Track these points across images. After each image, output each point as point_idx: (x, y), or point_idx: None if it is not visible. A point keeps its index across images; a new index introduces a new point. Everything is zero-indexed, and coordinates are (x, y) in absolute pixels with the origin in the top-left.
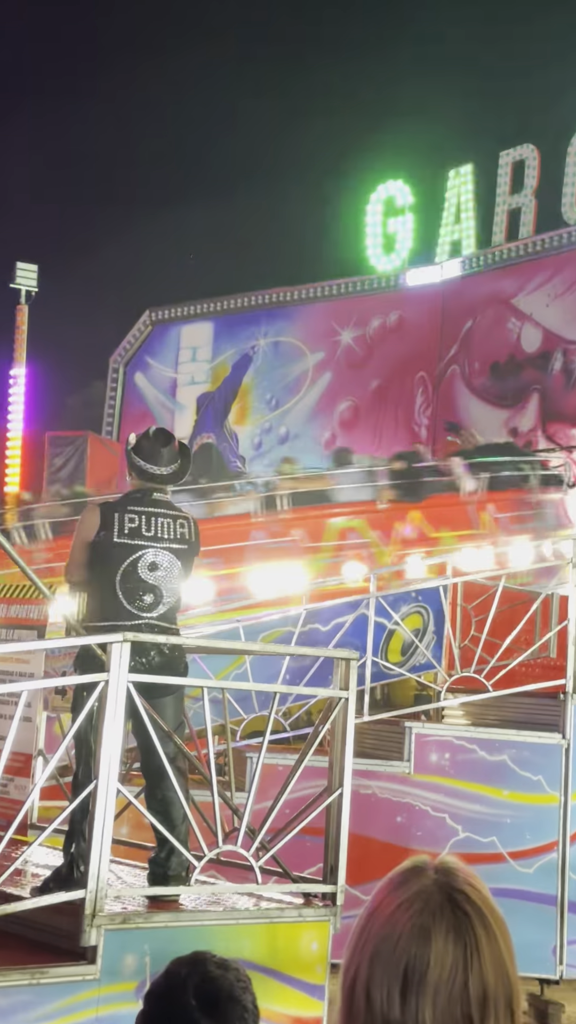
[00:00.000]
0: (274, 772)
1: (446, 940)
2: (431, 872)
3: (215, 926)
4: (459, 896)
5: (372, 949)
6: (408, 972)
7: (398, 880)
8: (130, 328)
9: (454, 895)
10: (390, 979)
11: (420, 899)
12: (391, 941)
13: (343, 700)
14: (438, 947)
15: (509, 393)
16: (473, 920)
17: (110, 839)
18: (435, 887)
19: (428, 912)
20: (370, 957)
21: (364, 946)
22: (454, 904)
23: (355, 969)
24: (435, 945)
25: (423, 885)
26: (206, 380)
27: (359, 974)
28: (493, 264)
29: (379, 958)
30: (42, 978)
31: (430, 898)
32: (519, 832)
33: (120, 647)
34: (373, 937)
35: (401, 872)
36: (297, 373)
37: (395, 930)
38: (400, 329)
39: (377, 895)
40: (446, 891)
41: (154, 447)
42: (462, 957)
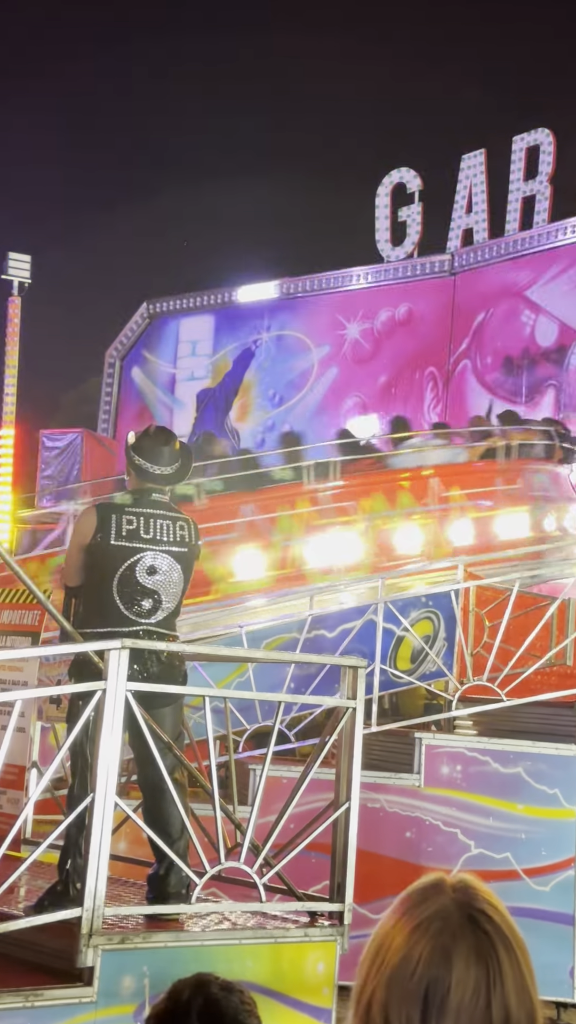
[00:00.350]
0: (278, 785)
1: (467, 962)
2: (449, 891)
3: (217, 946)
4: (479, 916)
5: (389, 972)
6: (428, 996)
7: (414, 899)
8: (127, 321)
9: (474, 915)
10: (409, 1003)
11: (439, 919)
12: (409, 963)
13: (350, 710)
14: (459, 969)
15: (523, 388)
16: (495, 941)
17: (107, 855)
18: (454, 906)
19: (448, 933)
20: (387, 980)
21: (380, 968)
22: (475, 924)
23: (370, 993)
24: (456, 967)
25: (441, 905)
26: (206, 376)
27: (375, 998)
28: (506, 254)
29: (396, 981)
30: (37, 1000)
31: (449, 918)
32: (534, 848)
33: (118, 654)
34: (389, 959)
35: (417, 891)
36: (302, 368)
37: (413, 952)
38: (409, 322)
39: (392, 915)
40: (466, 911)
41: (155, 446)
42: (484, 979)
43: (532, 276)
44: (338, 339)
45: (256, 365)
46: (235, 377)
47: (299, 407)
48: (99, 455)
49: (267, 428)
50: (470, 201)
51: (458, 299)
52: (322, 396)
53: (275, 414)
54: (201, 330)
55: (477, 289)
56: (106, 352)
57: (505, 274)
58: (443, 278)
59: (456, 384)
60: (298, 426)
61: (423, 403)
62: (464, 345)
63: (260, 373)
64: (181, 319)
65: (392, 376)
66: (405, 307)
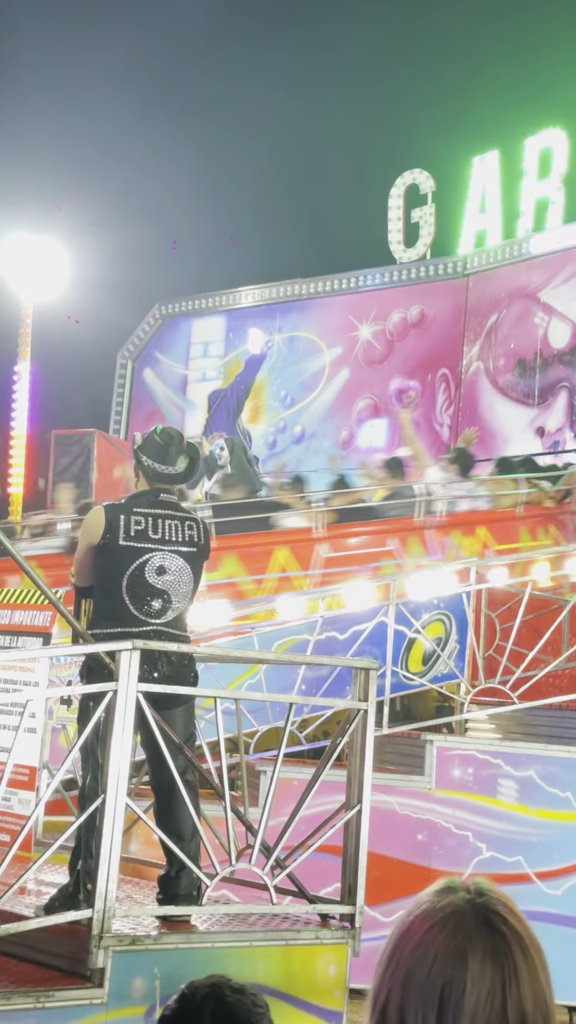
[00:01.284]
0: (289, 787)
1: (483, 962)
2: (463, 892)
3: (228, 948)
4: (494, 917)
5: (404, 973)
6: (444, 996)
7: (429, 901)
8: (139, 322)
9: (489, 916)
10: (425, 1004)
11: (453, 920)
12: (425, 964)
13: (362, 712)
14: (474, 969)
15: (536, 391)
16: (510, 941)
17: (118, 856)
18: (468, 907)
19: (463, 933)
20: (402, 981)
21: (395, 970)
22: (490, 925)
23: (386, 994)
24: (471, 967)
25: (456, 906)
26: (218, 377)
27: (391, 999)
28: (519, 255)
29: (412, 982)
30: (47, 1002)
31: (464, 919)
32: (547, 851)
33: (129, 655)
34: (405, 960)
35: (431, 893)
36: (313, 370)
37: (428, 953)
38: (421, 324)
39: (407, 917)
40: (481, 912)
41: (162, 446)
42: (500, 980)
43: (545, 278)
44: (350, 340)
45: (268, 366)
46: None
47: (311, 408)
48: (111, 456)
49: (279, 429)
50: (483, 202)
51: (471, 301)
52: (334, 398)
53: (287, 415)
54: (213, 331)
55: (489, 291)
56: (118, 353)
57: (518, 276)
58: (455, 280)
59: (469, 386)
60: (310, 428)
61: (435, 405)
62: (476, 347)
63: (272, 374)
64: (193, 320)
65: (404, 378)
66: (417, 308)
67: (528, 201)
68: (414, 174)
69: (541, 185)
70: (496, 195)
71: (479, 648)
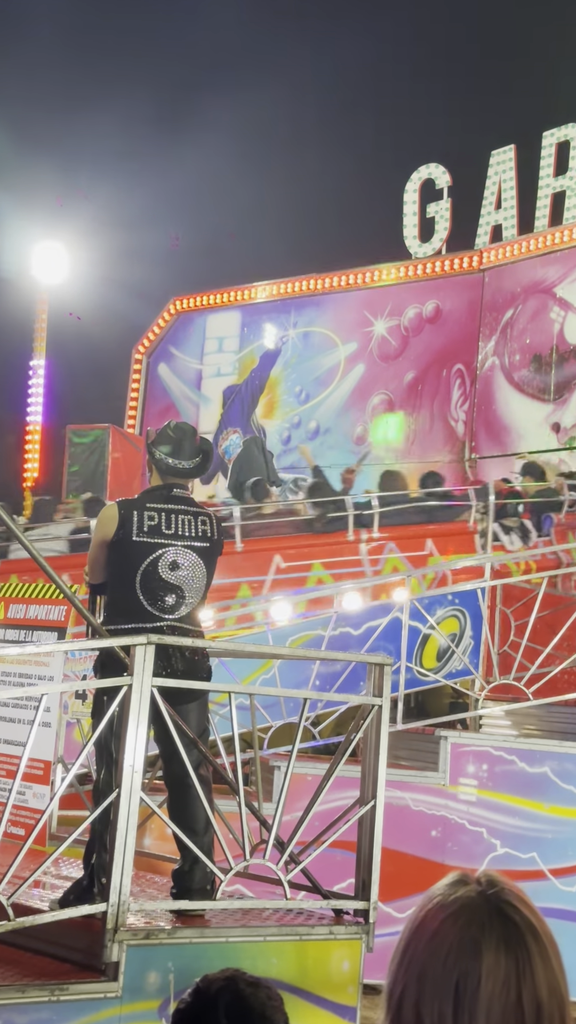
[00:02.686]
0: (303, 782)
1: (497, 953)
2: (475, 885)
3: (242, 943)
4: (507, 908)
5: (419, 967)
6: (459, 988)
7: (441, 894)
8: (154, 317)
9: (502, 907)
10: (441, 997)
11: (466, 912)
12: (439, 957)
13: (376, 707)
14: (489, 960)
15: (551, 386)
16: (524, 932)
17: (132, 850)
18: (481, 899)
19: (476, 925)
20: (417, 975)
21: (410, 964)
22: (503, 916)
23: (401, 989)
24: (486, 958)
25: (468, 898)
26: (233, 372)
27: (406, 994)
28: (536, 250)
29: (427, 976)
30: (62, 995)
31: (477, 910)
32: (561, 848)
33: (144, 650)
34: (419, 954)
35: (443, 886)
36: (328, 365)
37: (442, 946)
38: (437, 319)
39: (419, 911)
40: (493, 903)
41: (175, 440)
42: (515, 970)
43: (562, 273)
44: (365, 336)
45: (282, 362)
46: (261, 373)
47: (325, 404)
48: (125, 451)
49: (293, 425)
50: (499, 197)
51: (486, 296)
52: (348, 393)
53: (301, 411)
54: (228, 326)
55: (506, 286)
56: (133, 348)
57: (534, 271)
58: (471, 275)
59: (484, 382)
60: (324, 423)
61: (450, 400)
62: (492, 342)
63: (286, 370)
64: (208, 315)
65: (419, 373)
66: (433, 304)
67: (545, 196)
68: (430, 168)
69: (558, 180)
70: (513, 189)
71: (494, 644)
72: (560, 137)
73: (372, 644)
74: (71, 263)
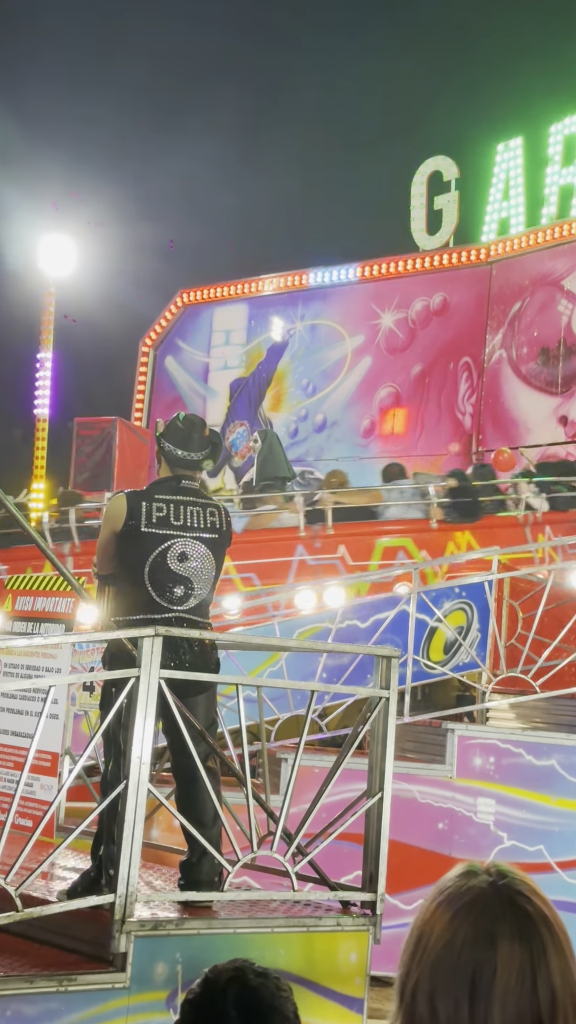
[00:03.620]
0: (310, 774)
1: (511, 943)
2: (484, 875)
3: (249, 934)
4: (519, 897)
5: (432, 960)
6: (475, 979)
7: (451, 887)
8: (161, 310)
9: (513, 896)
10: (457, 989)
11: (479, 903)
12: (453, 950)
13: (383, 700)
14: (503, 951)
15: (559, 379)
16: (536, 920)
17: (140, 842)
18: (492, 890)
19: (489, 916)
20: (431, 969)
21: (422, 957)
22: (515, 907)
23: (414, 983)
24: (501, 949)
25: (479, 889)
26: (240, 365)
27: (419, 987)
28: (543, 243)
29: (441, 968)
30: (70, 985)
31: (489, 901)
32: (568, 841)
33: (152, 642)
34: (432, 948)
35: (453, 878)
36: (335, 358)
37: (456, 938)
38: (444, 312)
39: (429, 904)
40: (504, 893)
41: (184, 432)
42: (529, 959)
43: (569, 265)
44: (372, 329)
45: (289, 354)
46: (268, 366)
47: (332, 397)
48: (133, 443)
49: (300, 418)
50: (507, 189)
51: (494, 288)
52: (356, 386)
53: (308, 403)
54: (235, 319)
55: (513, 278)
56: (140, 341)
57: (541, 263)
58: (479, 267)
59: (491, 375)
60: (332, 416)
61: (457, 393)
62: (499, 335)
63: (293, 362)
64: (215, 308)
65: (427, 366)
66: (440, 296)
67: (552, 188)
68: (437, 161)
69: (566, 172)
70: (520, 182)
71: (501, 637)
72: (568, 129)
73: (379, 637)
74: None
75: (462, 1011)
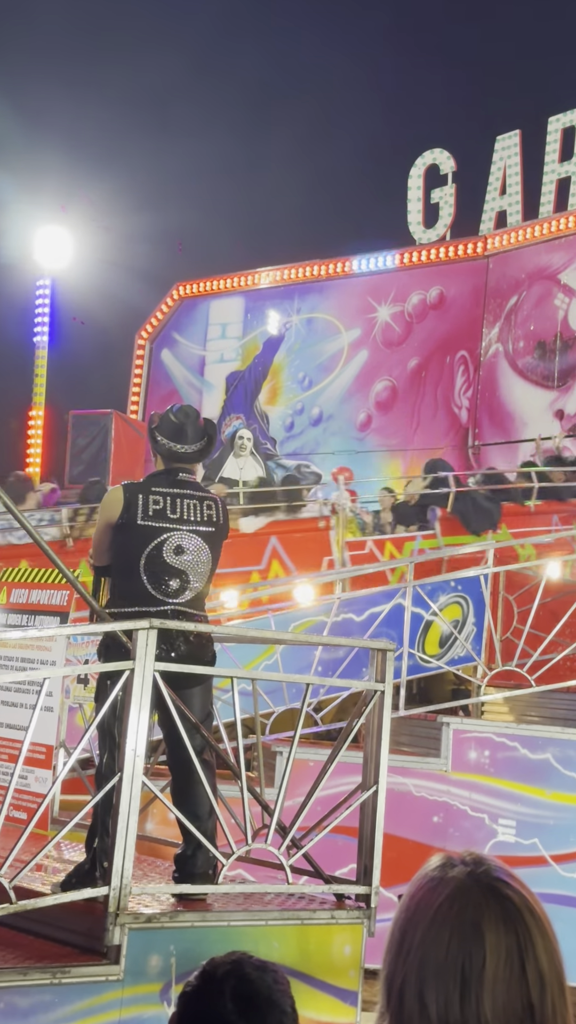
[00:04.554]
0: (305, 768)
1: (497, 931)
2: (461, 866)
3: (244, 927)
4: (500, 885)
5: (419, 957)
6: (465, 971)
7: (430, 880)
8: (157, 303)
9: (494, 884)
10: (447, 984)
11: (460, 896)
12: (440, 946)
13: (379, 693)
14: (491, 940)
15: (555, 373)
16: (519, 906)
17: (134, 835)
18: (471, 880)
19: (473, 906)
20: (418, 966)
21: (408, 954)
22: (497, 894)
23: (401, 981)
24: (488, 938)
25: (458, 881)
26: (236, 358)
27: (407, 985)
28: (540, 237)
29: (430, 964)
30: (64, 978)
31: (470, 892)
32: (563, 834)
33: (147, 634)
34: (418, 945)
35: (430, 871)
36: (332, 351)
37: (442, 933)
38: (441, 305)
39: (410, 900)
40: (484, 882)
41: (177, 425)
42: (516, 945)
43: (566, 259)
44: (368, 322)
45: (286, 348)
46: (265, 360)
47: (329, 390)
48: (128, 436)
49: (296, 411)
50: (504, 183)
51: (490, 282)
52: (352, 379)
53: (304, 397)
54: (231, 312)
55: (510, 272)
56: (136, 334)
57: (538, 257)
58: (475, 261)
59: (488, 368)
60: (328, 409)
61: (454, 387)
62: (496, 329)
63: (290, 356)
64: (211, 301)
65: (423, 360)
66: (437, 290)
67: (550, 182)
68: (435, 154)
69: (563, 166)
70: (518, 175)
71: (496, 631)
72: (565, 123)
73: (375, 630)
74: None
75: (453, 1004)
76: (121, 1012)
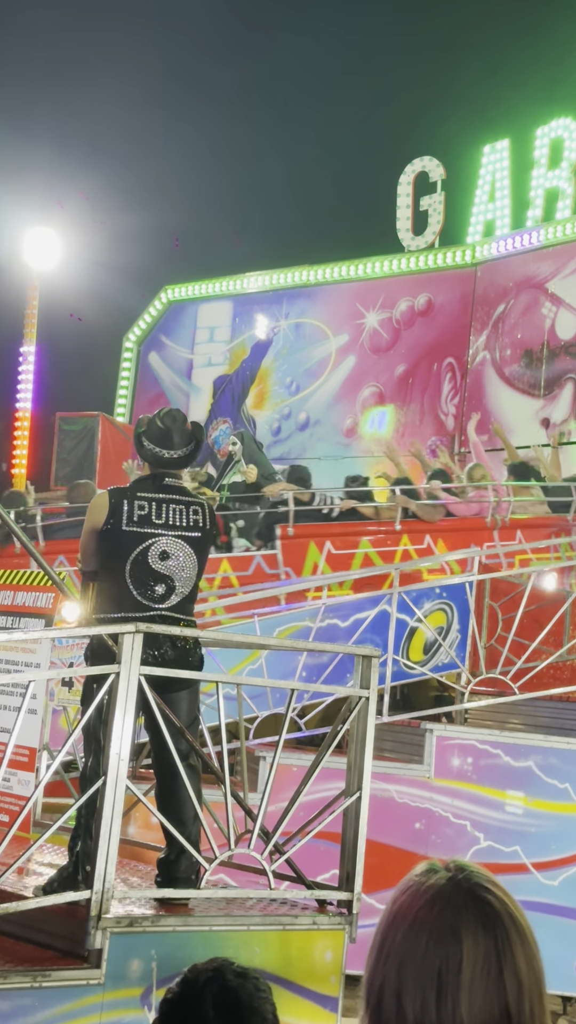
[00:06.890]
0: (288, 773)
1: (475, 935)
2: (444, 871)
3: (225, 932)
4: (480, 890)
5: (398, 959)
6: (441, 974)
7: (413, 885)
8: (145, 306)
9: (475, 890)
10: (424, 986)
11: (441, 899)
12: (419, 947)
13: (363, 699)
14: (469, 943)
15: (542, 382)
16: (499, 911)
17: (117, 838)
18: (452, 885)
19: (452, 910)
20: (397, 967)
21: (388, 956)
22: (477, 899)
23: (381, 982)
24: (466, 942)
25: (440, 886)
26: (223, 362)
27: (386, 986)
28: (528, 245)
29: (408, 967)
30: (44, 981)
31: (451, 896)
32: (544, 842)
33: (132, 638)
34: (397, 947)
35: (414, 876)
36: (319, 357)
37: (421, 935)
38: (428, 312)
39: (393, 905)
40: (465, 887)
41: (164, 431)
42: (494, 949)
43: (554, 268)
44: (356, 328)
45: (274, 352)
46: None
47: (316, 395)
48: (115, 439)
49: (284, 416)
50: (493, 191)
51: (478, 290)
52: (339, 385)
53: (292, 402)
54: (219, 316)
55: (498, 280)
56: (124, 337)
57: (526, 266)
58: (464, 269)
59: (475, 376)
60: (315, 415)
61: (440, 394)
62: (483, 337)
63: (277, 360)
64: (199, 305)
65: (410, 366)
66: (425, 297)
67: (538, 190)
68: (424, 162)
69: (552, 175)
70: (506, 184)
71: (481, 638)
72: (554, 132)
73: (360, 636)
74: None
75: (429, 1006)
76: (101, 1016)
